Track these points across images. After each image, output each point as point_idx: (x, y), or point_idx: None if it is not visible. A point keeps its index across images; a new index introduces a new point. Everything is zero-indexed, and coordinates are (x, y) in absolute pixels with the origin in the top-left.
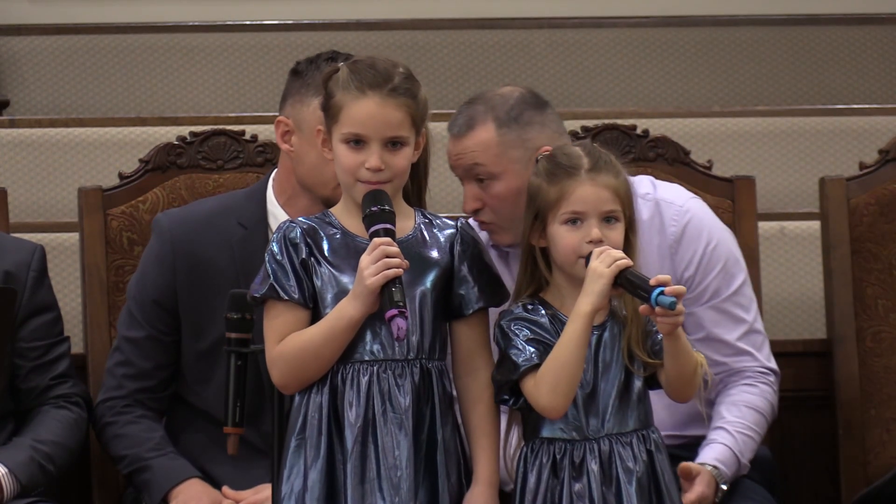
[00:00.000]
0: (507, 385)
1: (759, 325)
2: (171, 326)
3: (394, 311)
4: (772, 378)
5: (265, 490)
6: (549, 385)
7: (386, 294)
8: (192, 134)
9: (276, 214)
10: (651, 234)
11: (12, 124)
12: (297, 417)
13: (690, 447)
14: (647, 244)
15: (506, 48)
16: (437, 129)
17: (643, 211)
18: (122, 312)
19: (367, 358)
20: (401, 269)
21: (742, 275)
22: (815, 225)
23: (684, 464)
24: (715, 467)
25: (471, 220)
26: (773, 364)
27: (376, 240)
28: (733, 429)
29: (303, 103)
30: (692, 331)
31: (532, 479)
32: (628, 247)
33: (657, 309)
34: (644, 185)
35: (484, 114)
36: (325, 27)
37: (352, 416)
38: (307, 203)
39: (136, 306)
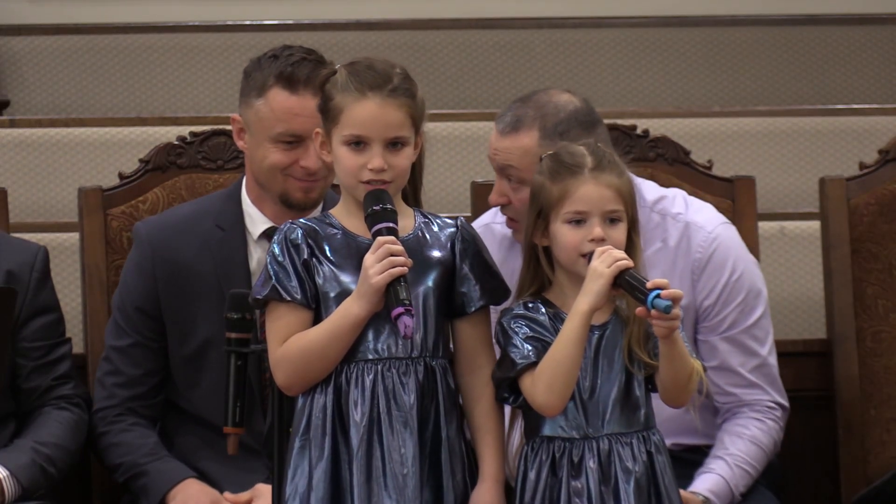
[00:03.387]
0: (506, 383)
1: (773, 360)
2: (157, 332)
3: (400, 310)
4: (779, 413)
5: (264, 495)
6: (545, 383)
7: (391, 292)
8: (192, 134)
9: (251, 214)
10: (677, 256)
11: (12, 124)
12: (300, 419)
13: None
14: (671, 266)
15: (506, 48)
16: (436, 129)
17: (672, 231)
18: (108, 324)
19: (370, 357)
20: (405, 268)
21: (761, 308)
22: (815, 225)
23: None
24: (707, 499)
25: (491, 211)
26: (783, 399)
27: (380, 238)
28: (732, 461)
29: (247, 104)
30: (707, 358)
31: (532, 477)
32: (630, 247)
33: (653, 312)
34: (677, 203)
35: (532, 120)
36: (325, 27)
37: (357, 415)
38: (272, 200)
39: (121, 315)
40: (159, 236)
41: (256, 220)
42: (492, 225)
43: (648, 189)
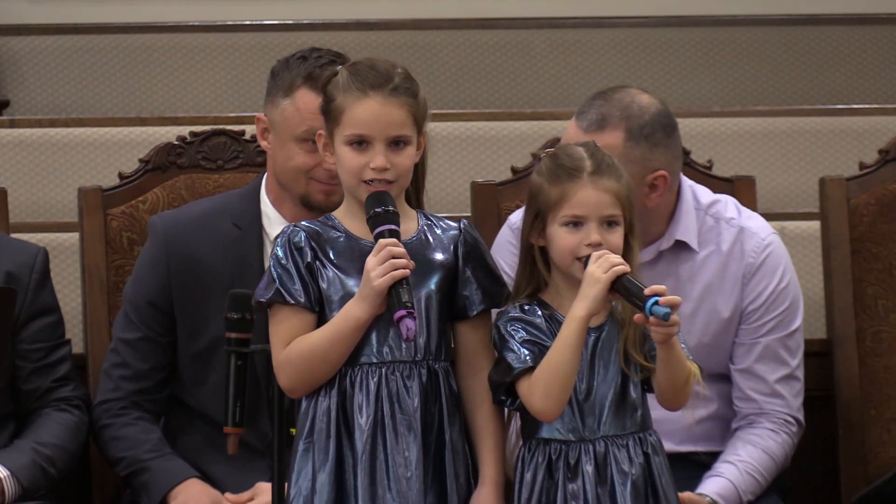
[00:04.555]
0: (503, 386)
1: (800, 374)
2: (167, 327)
3: (402, 312)
4: (795, 428)
5: (264, 493)
6: (542, 389)
7: (394, 295)
8: (192, 134)
9: (269, 214)
10: (729, 259)
11: (12, 124)
12: (304, 421)
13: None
14: (722, 268)
15: (506, 48)
16: (437, 129)
17: (725, 235)
18: (118, 315)
19: (374, 360)
20: (407, 270)
21: (798, 321)
22: (815, 225)
23: (684, 494)
24: (714, 501)
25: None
26: (801, 415)
27: (382, 241)
28: (743, 467)
29: (273, 104)
30: (738, 360)
31: (528, 479)
32: (628, 251)
33: (651, 318)
34: (730, 209)
35: (618, 120)
36: (325, 27)
37: (361, 418)
38: (292, 202)
39: (132, 308)
40: (175, 231)
41: (274, 221)
42: None
43: (703, 193)
